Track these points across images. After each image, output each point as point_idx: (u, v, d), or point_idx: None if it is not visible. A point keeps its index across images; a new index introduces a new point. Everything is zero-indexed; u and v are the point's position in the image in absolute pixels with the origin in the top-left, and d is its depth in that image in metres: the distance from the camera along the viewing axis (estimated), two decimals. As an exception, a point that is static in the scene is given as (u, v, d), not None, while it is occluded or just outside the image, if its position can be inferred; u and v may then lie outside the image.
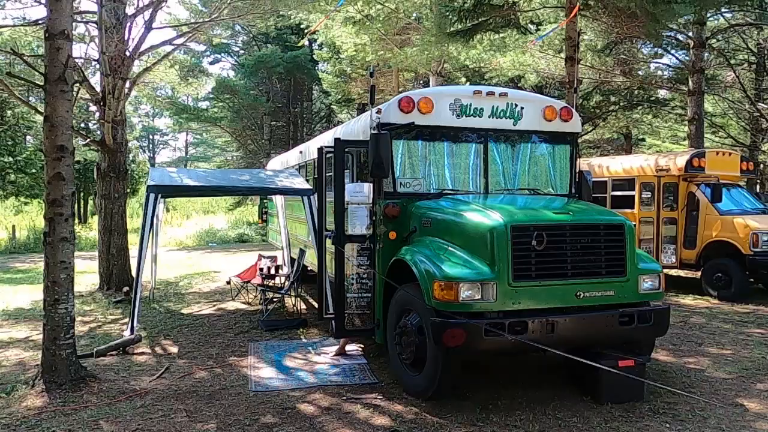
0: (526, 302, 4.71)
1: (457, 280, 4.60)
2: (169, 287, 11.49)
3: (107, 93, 9.82)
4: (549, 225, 4.82)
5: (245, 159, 30.50)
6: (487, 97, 6.03)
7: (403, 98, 5.81)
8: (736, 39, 20.54)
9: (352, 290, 5.94)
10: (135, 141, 48.39)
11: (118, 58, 10.03)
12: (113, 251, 10.83)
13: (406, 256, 5.22)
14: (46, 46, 5.21)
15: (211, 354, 6.57)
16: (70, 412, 4.79)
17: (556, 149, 6.42)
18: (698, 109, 15.58)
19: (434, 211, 5.44)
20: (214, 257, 17.21)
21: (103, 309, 9.38)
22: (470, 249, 4.88)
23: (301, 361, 6.26)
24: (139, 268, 7.14)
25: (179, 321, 8.35)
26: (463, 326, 4.53)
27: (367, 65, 18.00)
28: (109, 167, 10.75)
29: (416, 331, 5.01)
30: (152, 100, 26.14)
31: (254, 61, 26.15)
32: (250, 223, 26.29)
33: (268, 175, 8.94)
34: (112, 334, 7.52)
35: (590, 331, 4.85)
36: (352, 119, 7.27)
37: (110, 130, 10.29)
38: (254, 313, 8.78)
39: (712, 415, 4.69)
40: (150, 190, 7.25)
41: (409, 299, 5.16)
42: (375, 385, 5.46)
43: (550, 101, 6.43)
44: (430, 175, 5.95)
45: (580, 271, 4.84)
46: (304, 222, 9.50)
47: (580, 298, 4.83)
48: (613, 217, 5.17)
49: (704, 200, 10.42)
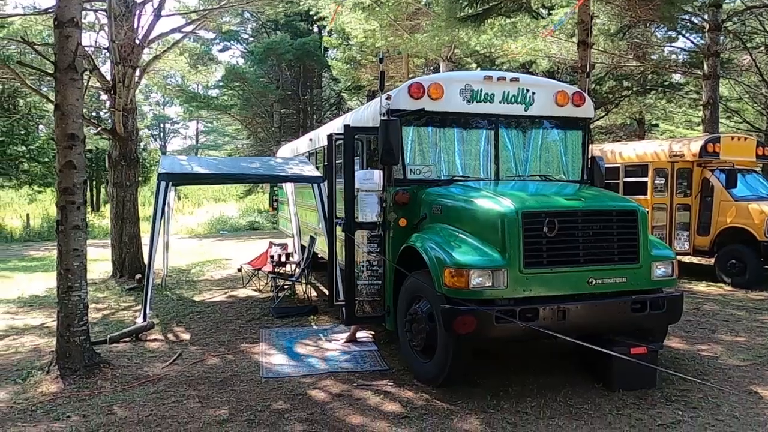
0: (537, 289, 4.68)
1: (468, 267, 4.58)
2: (181, 275, 11.58)
3: (117, 81, 9.84)
4: (561, 211, 4.77)
5: (255, 147, 30.53)
6: (498, 82, 5.96)
7: (413, 84, 5.76)
8: (752, 21, 20.13)
9: (363, 277, 5.94)
10: (146, 129, 48.53)
11: (127, 47, 10.03)
12: (125, 239, 10.92)
13: (417, 243, 5.20)
14: (56, 34, 5.21)
15: (222, 341, 6.62)
16: (85, 398, 4.86)
17: (568, 135, 6.34)
18: (713, 94, 15.31)
19: (445, 197, 5.41)
20: (225, 245, 17.30)
21: (116, 296, 9.47)
22: (481, 236, 4.85)
23: (312, 348, 6.29)
24: (150, 255, 7.19)
25: (191, 308, 8.42)
26: (474, 313, 4.52)
27: (376, 51, 17.85)
28: (121, 155, 10.80)
29: (427, 318, 5.01)
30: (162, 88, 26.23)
31: (263, 48, 26.04)
32: (260, 210, 26.38)
33: (278, 162, 8.93)
34: (125, 321, 7.60)
35: (602, 318, 4.81)
36: (361, 106, 7.22)
37: (121, 119, 10.32)
38: (265, 300, 8.82)
39: (725, 402, 4.65)
40: (161, 178, 7.27)
41: (419, 286, 5.15)
42: (385, 372, 5.47)
43: (562, 86, 6.34)
44: (440, 161, 5.91)
45: (592, 257, 4.80)
46: (314, 209, 9.50)
47: (592, 285, 4.79)
48: (626, 203, 5.10)
49: (719, 186, 10.28)
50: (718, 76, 15.57)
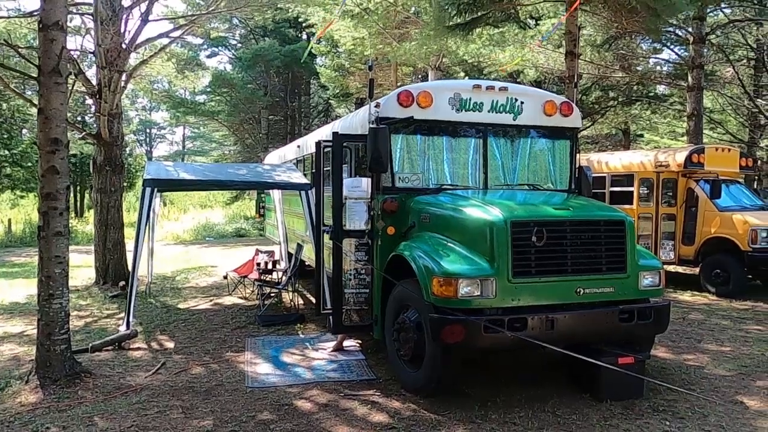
0: (525, 298, 4.67)
1: (456, 275, 4.56)
2: (166, 282, 11.43)
3: (103, 86, 9.72)
4: (549, 221, 4.77)
5: (243, 153, 30.39)
6: (487, 91, 5.97)
7: (402, 92, 5.75)
8: (735, 35, 20.48)
9: (350, 286, 5.90)
10: (132, 135, 48.08)
11: (114, 51, 9.94)
12: (109, 245, 10.78)
13: (405, 251, 5.17)
14: (40, 37, 5.12)
15: (207, 349, 6.52)
16: (65, 408, 4.74)
17: (556, 144, 6.37)
18: (697, 105, 15.52)
19: (433, 206, 5.39)
20: (211, 252, 17.15)
21: (99, 304, 9.32)
22: (469, 245, 4.84)
23: (299, 357, 6.21)
24: (135, 262, 7.07)
25: (176, 316, 8.30)
26: (462, 323, 4.49)
27: (365, 59, 17.88)
28: (105, 160, 10.68)
29: (414, 328, 4.97)
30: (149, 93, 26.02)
31: (252, 54, 25.99)
32: (247, 217, 26.21)
33: (266, 169, 8.87)
34: (108, 329, 7.46)
35: (590, 327, 4.81)
36: (350, 113, 7.20)
37: (106, 123, 10.20)
38: (251, 308, 8.73)
39: (712, 412, 4.66)
40: (146, 184, 7.18)
41: (407, 295, 5.11)
42: (373, 382, 5.42)
43: (551, 96, 6.37)
44: (429, 170, 5.90)
45: (580, 267, 4.80)
46: (301, 216, 9.44)
47: (580, 294, 4.79)
48: (614, 213, 5.12)
49: (703, 196, 10.39)
50: (702, 87, 15.79)
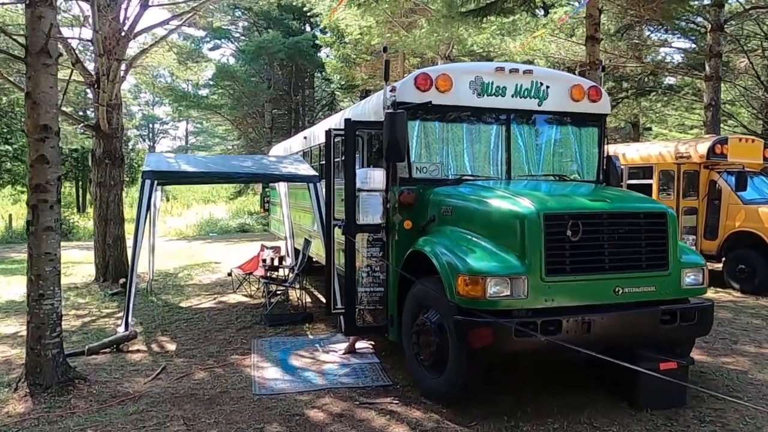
0: (559, 299, 4.24)
1: (484, 274, 4.14)
2: (168, 279, 11.05)
3: (101, 74, 9.31)
4: (585, 213, 4.35)
5: (246, 148, 29.97)
6: (511, 74, 5.54)
7: (420, 75, 5.32)
8: (749, 25, 19.98)
9: (363, 284, 5.50)
10: (135, 129, 47.73)
11: (112, 38, 9.52)
12: (109, 241, 10.40)
13: (425, 247, 4.75)
14: (27, 14, 4.71)
15: (211, 352, 6.12)
16: (56, 419, 4.35)
17: (583, 132, 5.93)
18: (715, 95, 15.00)
19: (455, 198, 4.96)
20: (214, 247, 16.76)
21: (98, 302, 8.94)
22: (497, 240, 4.41)
23: (308, 360, 5.81)
24: (134, 259, 6.66)
25: (178, 315, 7.91)
26: (491, 325, 4.08)
27: (372, 49, 17.46)
28: (105, 153, 10.28)
29: (436, 330, 4.56)
30: (151, 86, 25.67)
31: (255, 46, 25.54)
32: (251, 212, 25.81)
33: (272, 161, 8.46)
34: (107, 330, 7.08)
35: (630, 330, 4.39)
36: (362, 100, 6.77)
37: (105, 114, 9.80)
38: (257, 306, 8.33)
39: (766, 424, 4.24)
40: (145, 176, 6.77)
41: (427, 294, 4.70)
42: (389, 388, 5.01)
43: (578, 80, 5.94)
44: (448, 159, 5.48)
45: (618, 264, 4.37)
46: (308, 211, 9.03)
47: (619, 294, 4.36)
48: (655, 204, 4.71)
49: (726, 189, 9.94)
50: (720, 77, 15.28)
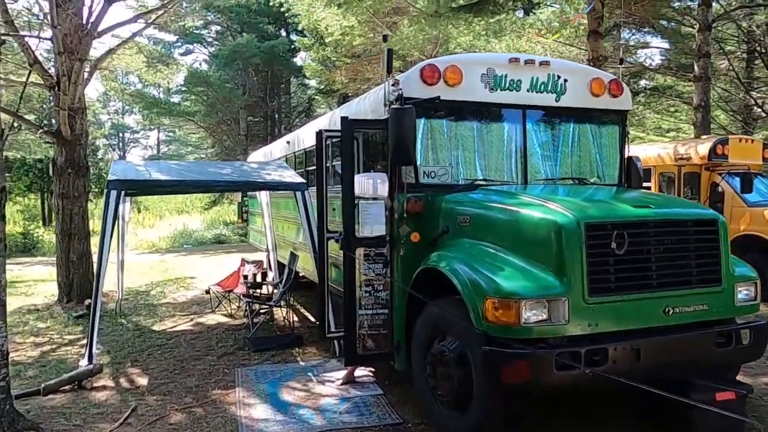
0: (604, 323, 3.62)
1: (518, 296, 3.49)
2: (139, 297, 10.17)
3: (61, 75, 8.45)
4: (630, 222, 3.74)
5: (221, 156, 28.97)
6: (526, 66, 4.95)
7: (426, 67, 4.68)
8: (728, 27, 19.99)
9: (364, 306, 4.82)
10: (104, 139, 46.24)
11: (74, 36, 8.68)
12: (74, 258, 9.51)
13: (441, 263, 4.09)
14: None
15: (189, 386, 5.34)
16: (-1, 485, 3.57)
17: (603, 130, 5.38)
18: (705, 96, 14.70)
19: (473, 206, 4.32)
20: (189, 260, 15.85)
21: (60, 326, 8.05)
22: (528, 254, 3.77)
23: (302, 393, 5.08)
24: (98, 280, 5.85)
25: (150, 341, 7.09)
26: (528, 357, 3.43)
27: (353, 51, 16.82)
28: (67, 162, 9.40)
29: (456, 361, 3.89)
30: (120, 93, 24.60)
31: (229, 51, 24.63)
32: (227, 222, 24.85)
33: (253, 167, 7.72)
34: (68, 360, 6.25)
35: (682, 356, 3.79)
36: (356, 98, 6.12)
37: (66, 119, 8.92)
38: (238, 328, 7.56)
39: None
40: (111, 186, 5.98)
41: (444, 319, 4.04)
42: (400, 427, 4.33)
43: (598, 73, 5.38)
44: (458, 162, 4.85)
45: (667, 280, 3.78)
46: (293, 222, 8.32)
47: (669, 315, 3.76)
48: (704, 210, 4.16)
49: (730, 191, 9.54)
50: (709, 77, 15.03)
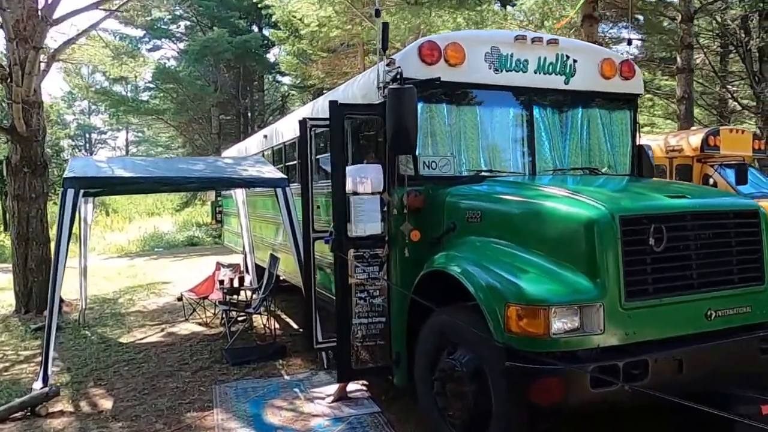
0: (643, 331, 3.15)
1: (546, 303, 2.99)
2: (106, 305, 9.43)
3: (13, 64, 7.71)
4: (668, 214, 3.27)
5: (192, 155, 28.05)
6: (533, 44, 4.47)
7: (425, 44, 4.17)
8: (702, 21, 20.03)
9: (358, 314, 4.29)
10: (70, 140, 44.63)
11: (27, 22, 7.95)
12: (32, 265, 8.74)
13: (450, 265, 3.58)
14: None
15: (160, 409, 4.72)
16: None
17: (614, 116, 4.92)
18: (688, 88, 14.58)
19: (485, 199, 3.83)
20: (160, 264, 15.07)
21: (16, 340, 7.32)
22: (552, 253, 3.28)
23: (289, 414, 4.52)
24: (54, 290, 5.17)
25: (117, 355, 6.42)
26: (561, 374, 2.94)
27: (330, 45, 16.23)
28: (23, 160, 8.63)
29: (470, 377, 3.38)
30: (84, 90, 23.54)
31: (199, 46, 23.76)
32: (200, 224, 23.97)
33: (228, 163, 7.10)
34: (23, 381, 5.57)
35: (725, 365, 3.34)
36: (346, 82, 5.58)
37: (21, 113, 8.17)
38: (215, 338, 6.94)
39: None
40: (68, 185, 5.31)
41: (454, 328, 3.53)
42: (404, 452, 3.81)
43: (608, 53, 4.96)
44: (461, 150, 4.35)
45: (709, 279, 3.33)
46: (272, 222, 7.73)
47: (711, 319, 3.32)
48: (743, 201, 3.74)
49: (722, 183, 9.28)
50: (692, 69, 14.90)
